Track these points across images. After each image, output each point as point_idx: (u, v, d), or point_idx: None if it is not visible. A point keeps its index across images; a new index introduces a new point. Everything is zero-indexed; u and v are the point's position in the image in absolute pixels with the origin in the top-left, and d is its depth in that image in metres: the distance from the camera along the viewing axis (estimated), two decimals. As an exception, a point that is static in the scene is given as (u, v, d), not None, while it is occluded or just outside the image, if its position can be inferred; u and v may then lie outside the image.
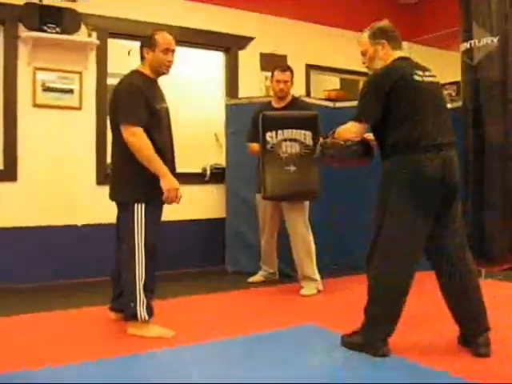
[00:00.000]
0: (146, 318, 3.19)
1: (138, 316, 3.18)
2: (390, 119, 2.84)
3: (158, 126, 3.26)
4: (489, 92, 3.72)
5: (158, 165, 3.19)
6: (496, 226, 3.31)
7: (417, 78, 2.84)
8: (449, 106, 3.41)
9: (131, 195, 3.23)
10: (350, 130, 2.94)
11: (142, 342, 3.10)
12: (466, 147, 4.02)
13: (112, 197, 3.40)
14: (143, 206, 3.20)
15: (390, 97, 2.81)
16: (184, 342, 3.11)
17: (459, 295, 2.92)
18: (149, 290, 3.23)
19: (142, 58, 3.36)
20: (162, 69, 3.34)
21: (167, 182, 3.20)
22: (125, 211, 3.27)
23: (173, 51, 3.35)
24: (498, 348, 2.88)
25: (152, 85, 3.34)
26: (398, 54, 2.99)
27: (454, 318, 2.97)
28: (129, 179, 3.26)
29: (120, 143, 3.21)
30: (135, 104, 3.16)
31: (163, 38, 3.30)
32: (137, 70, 3.36)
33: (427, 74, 2.91)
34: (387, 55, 2.98)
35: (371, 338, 2.87)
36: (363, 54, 3.07)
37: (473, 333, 2.89)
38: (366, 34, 3.05)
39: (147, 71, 3.34)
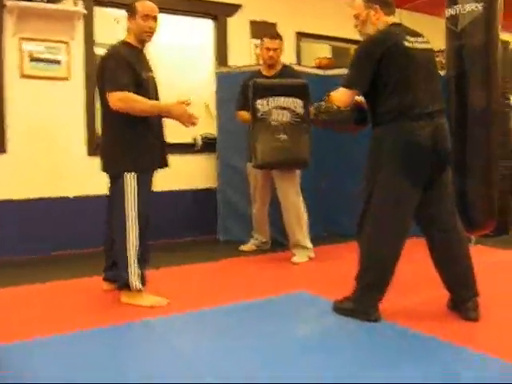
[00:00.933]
0: (139, 287, 3.23)
1: (131, 285, 3.21)
2: (382, 86, 2.83)
3: (145, 95, 3.23)
4: (472, 58, 3.70)
5: (156, 108, 3.27)
6: (478, 193, 3.33)
7: (407, 44, 2.82)
8: (440, 73, 3.40)
9: (122, 165, 3.23)
10: (340, 98, 2.94)
11: (135, 311, 3.13)
12: (448, 114, 4.03)
13: (103, 168, 3.39)
14: (134, 175, 3.20)
15: (381, 63, 2.80)
16: (176, 310, 3.14)
17: (449, 262, 2.96)
18: (142, 260, 3.26)
19: (128, 28, 3.36)
20: (143, 36, 3.32)
21: (173, 111, 3.26)
22: (116, 182, 3.27)
23: (154, 18, 3.32)
24: (484, 313, 2.92)
25: (138, 54, 3.33)
26: (390, 19, 2.98)
27: (443, 283, 3.01)
28: (118, 149, 3.25)
29: (108, 113, 3.22)
30: (120, 71, 3.14)
31: (143, 5, 3.28)
32: (122, 41, 3.36)
33: (419, 40, 2.90)
34: (379, 20, 2.96)
35: (363, 303, 2.91)
36: (356, 17, 3.05)
37: (462, 298, 2.93)
38: None
39: (132, 40, 3.33)
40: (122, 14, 5.70)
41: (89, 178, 4.96)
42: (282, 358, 2.49)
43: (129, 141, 3.20)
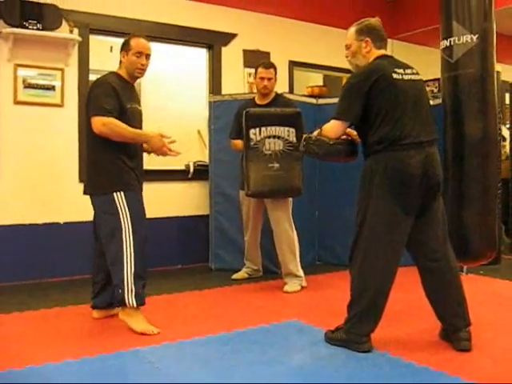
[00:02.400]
0: (134, 304, 3.23)
1: (126, 302, 3.22)
2: (372, 118, 2.87)
3: (127, 124, 3.28)
4: (468, 89, 3.76)
5: (137, 135, 3.33)
6: (477, 223, 3.35)
7: (396, 76, 2.86)
8: (431, 102, 3.45)
9: (109, 186, 3.28)
10: (331, 130, 2.97)
11: (125, 340, 3.10)
12: (445, 144, 4.07)
13: (89, 191, 3.40)
14: (122, 194, 3.26)
15: (369, 95, 2.84)
16: (168, 339, 3.11)
17: (441, 291, 2.95)
18: (139, 278, 3.27)
19: (120, 61, 3.45)
20: (135, 72, 3.41)
21: (152, 142, 3.31)
22: (104, 203, 3.30)
23: (147, 56, 3.42)
24: (477, 343, 2.92)
25: (126, 85, 3.41)
26: (380, 52, 3.02)
27: (435, 312, 3.00)
28: (102, 171, 3.31)
29: (91, 136, 3.30)
30: (105, 98, 3.22)
31: (137, 43, 3.37)
32: (113, 72, 3.45)
33: (408, 71, 2.94)
34: (370, 53, 3.01)
35: (354, 334, 2.89)
36: (347, 47, 3.10)
37: (454, 328, 2.93)
38: (353, 29, 3.08)
39: (123, 73, 3.42)
40: (116, 41, 5.80)
41: (80, 204, 4.92)
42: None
43: (112, 162, 3.28)
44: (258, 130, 4.27)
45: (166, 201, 4.18)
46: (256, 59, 5.61)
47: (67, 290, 4.43)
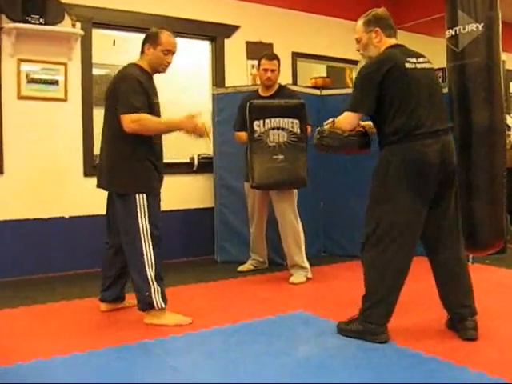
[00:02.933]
0: (163, 305, 3.25)
1: (155, 304, 3.23)
2: (386, 108, 2.85)
3: None
4: (474, 78, 3.73)
5: (169, 125, 3.30)
6: (484, 212, 3.33)
7: (408, 65, 2.85)
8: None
9: (132, 186, 3.25)
10: (345, 121, 2.96)
11: (131, 333, 3.11)
12: (452, 133, 4.05)
13: (108, 187, 3.37)
14: (144, 196, 3.24)
15: (383, 86, 2.83)
16: (174, 331, 3.12)
17: (449, 282, 2.96)
18: (160, 279, 3.27)
19: (142, 51, 3.38)
20: (159, 68, 3.38)
21: (186, 125, 3.25)
22: (122, 202, 3.27)
23: (173, 53, 3.38)
24: (483, 332, 2.92)
25: (149, 79, 3.36)
26: (391, 41, 3.00)
27: (442, 302, 3.01)
28: (127, 170, 3.25)
29: (117, 133, 3.22)
30: (134, 94, 3.17)
31: (167, 40, 3.33)
32: (134, 63, 3.37)
33: (420, 60, 2.93)
34: (381, 43, 2.99)
35: (370, 325, 2.88)
36: (357, 40, 3.08)
37: (460, 317, 2.93)
38: (361, 22, 3.06)
39: (145, 66, 3.35)
40: (119, 35, 5.80)
41: (85, 199, 4.96)
42: (283, 378, 2.48)
43: (140, 162, 3.25)
44: (261, 121, 4.26)
45: (170, 194, 4.18)
46: (259, 51, 5.59)
47: (73, 283, 4.44)
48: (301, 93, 4.97)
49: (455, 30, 3.95)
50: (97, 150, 5.11)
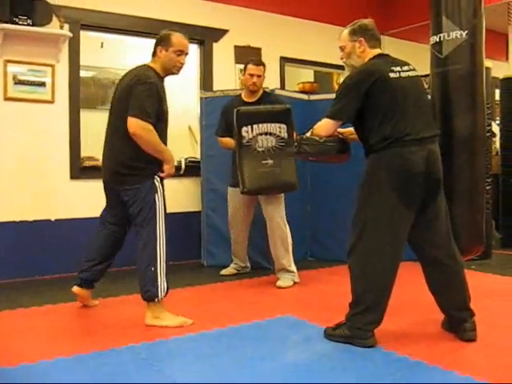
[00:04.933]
0: (162, 297, 3.33)
1: (158, 296, 3.30)
2: (371, 118, 2.87)
3: (164, 128, 3.39)
4: (456, 85, 3.77)
5: (163, 152, 3.36)
6: (465, 218, 3.38)
7: (392, 75, 2.87)
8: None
9: (145, 175, 3.33)
10: (322, 128, 2.99)
11: (117, 337, 3.09)
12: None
13: (122, 184, 3.38)
14: (159, 190, 3.36)
15: (367, 96, 2.85)
16: (161, 335, 3.11)
17: (446, 285, 2.98)
18: (166, 272, 3.36)
19: (154, 54, 3.41)
20: (173, 69, 3.41)
21: (170, 163, 3.40)
22: (136, 197, 3.33)
23: (186, 54, 3.43)
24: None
25: (162, 84, 3.40)
26: (375, 51, 3.03)
27: (439, 305, 3.04)
28: (138, 166, 3.32)
29: (127, 132, 3.24)
30: (149, 100, 3.21)
31: (179, 41, 3.37)
32: (148, 66, 3.38)
33: (405, 68, 2.94)
34: (364, 53, 3.02)
35: (358, 330, 2.89)
36: (341, 48, 3.10)
37: (459, 319, 2.96)
38: (346, 31, 3.08)
39: (157, 68, 3.38)
40: (107, 37, 5.79)
41: (71, 202, 4.93)
42: (272, 382, 2.47)
43: (150, 162, 3.32)
44: (249, 127, 4.26)
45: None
46: (247, 55, 5.61)
47: (59, 287, 4.41)
48: (288, 97, 4.99)
49: (439, 37, 3.99)
50: (84, 153, 5.11)
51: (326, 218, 5.45)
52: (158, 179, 3.37)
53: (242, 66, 5.61)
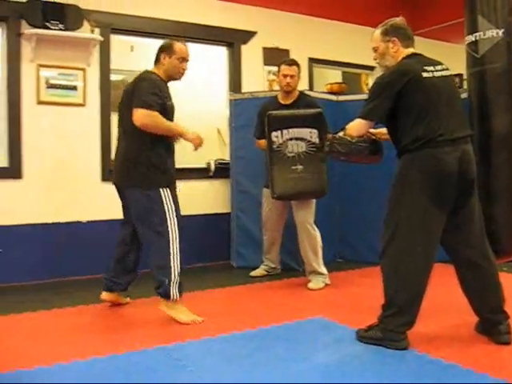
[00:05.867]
0: (177, 296, 3.41)
1: (171, 294, 3.38)
2: (404, 118, 2.85)
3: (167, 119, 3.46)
4: (494, 84, 3.73)
5: (177, 129, 3.50)
6: (503, 217, 3.32)
7: (426, 74, 2.84)
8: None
9: (155, 181, 3.42)
10: (354, 128, 2.98)
11: (149, 337, 3.12)
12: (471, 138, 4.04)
13: (130, 184, 3.48)
14: (168, 190, 3.43)
15: (400, 96, 2.82)
16: (192, 336, 3.13)
17: (481, 286, 2.94)
18: (181, 271, 3.43)
19: (157, 61, 3.58)
20: (176, 75, 3.60)
21: (190, 134, 3.50)
22: (149, 196, 3.41)
23: (187, 61, 3.62)
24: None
25: (164, 84, 3.55)
26: (408, 51, 2.99)
27: (473, 307, 3.00)
28: (149, 165, 3.42)
29: (135, 133, 3.40)
30: (151, 93, 3.36)
31: (181, 49, 3.57)
32: (151, 71, 3.57)
33: (438, 68, 2.91)
34: (398, 52, 2.99)
35: (391, 331, 2.86)
36: (374, 49, 3.07)
37: (493, 322, 2.92)
38: (378, 31, 3.05)
39: (161, 74, 3.55)
40: (137, 41, 5.84)
41: (102, 203, 4.99)
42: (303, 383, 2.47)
43: (157, 157, 3.44)
44: (279, 132, 4.26)
45: (187, 199, 4.20)
46: (276, 57, 5.62)
47: (90, 288, 4.45)
48: (317, 98, 4.97)
49: (475, 36, 3.96)
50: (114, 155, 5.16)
51: (355, 219, 5.42)
52: (165, 190, 3.43)
53: (270, 68, 5.66)
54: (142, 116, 3.33)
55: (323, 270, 4.44)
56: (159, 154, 3.45)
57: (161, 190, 3.41)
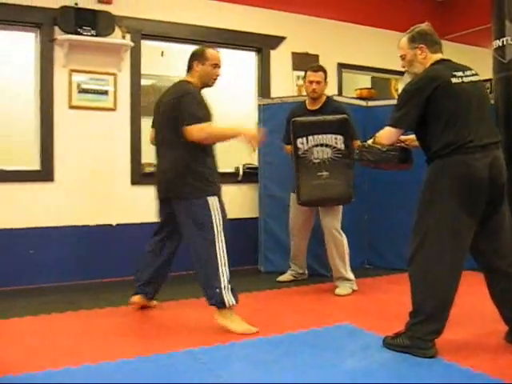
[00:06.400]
0: (233, 302, 3.36)
1: (226, 302, 3.32)
2: (433, 124, 2.82)
3: None
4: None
5: (234, 130, 3.46)
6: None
7: (455, 80, 2.81)
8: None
9: (204, 190, 3.40)
10: (384, 136, 2.96)
11: (176, 340, 3.14)
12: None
13: (178, 195, 3.45)
14: (216, 198, 3.41)
15: (429, 102, 2.80)
16: (219, 340, 3.14)
17: (509, 295, 2.90)
18: (230, 278, 3.40)
19: (190, 68, 3.57)
20: (209, 81, 3.58)
21: (248, 132, 3.44)
22: (198, 206, 3.38)
23: (219, 67, 3.60)
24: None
25: (203, 95, 3.51)
26: (437, 56, 2.97)
27: (502, 316, 2.96)
28: (196, 176, 3.39)
29: (179, 145, 3.38)
30: (198, 107, 3.36)
31: (213, 55, 3.57)
32: (186, 80, 3.55)
33: (468, 73, 2.88)
34: (426, 59, 2.96)
35: (419, 339, 2.83)
36: (402, 57, 3.05)
37: None
38: (405, 38, 3.02)
39: (195, 81, 3.53)
40: (167, 46, 5.90)
41: (132, 207, 5.04)
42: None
43: (203, 167, 3.41)
44: (305, 139, 4.26)
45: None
46: (305, 62, 5.62)
47: (118, 290, 4.51)
48: (346, 104, 4.96)
49: (502, 41, 3.91)
50: (144, 159, 5.22)
51: (384, 226, 5.38)
52: (212, 197, 3.41)
53: (299, 73, 5.65)
54: (197, 132, 3.29)
55: (350, 275, 4.42)
56: (205, 162, 3.42)
57: (208, 198, 3.38)
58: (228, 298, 3.33)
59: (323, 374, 2.65)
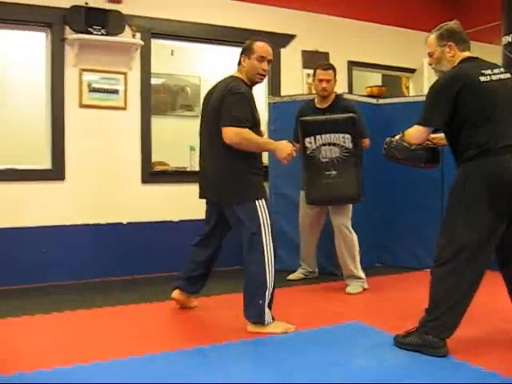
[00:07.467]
0: (270, 321, 3.28)
1: (265, 320, 3.25)
2: (461, 123, 2.78)
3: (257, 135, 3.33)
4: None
5: (267, 146, 3.37)
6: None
7: (483, 78, 2.76)
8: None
9: (253, 194, 3.28)
10: (413, 135, 2.92)
11: (187, 338, 3.15)
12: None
13: (226, 201, 3.36)
14: (264, 202, 3.28)
15: (457, 101, 2.76)
16: (230, 338, 3.14)
17: None
18: (272, 292, 3.34)
19: (239, 64, 3.42)
20: (255, 77, 3.38)
21: (281, 150, 3.28)
22: (246, 211, 3.28)
23: (269, 61, 3.40)
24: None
25: (251, 92, 3.38)
26: (465, 54, 2.93)
27: None
28: (244, 180, 3.29)
29: (226, 147, 3.23)
30: (241, 108, 3.19)
31: (260, 47, 3.37)
32: (236, 76, 3.39)
33: (496, 71, 2.83)
34: (455, 57, 2.92)
35: (431, 338, 2.82)
36: (430, 55, 3.01)
37: None
38: (433, 36, 2.98)
39: (244, 78, 3.38)
40: (177, 45, 5.92)
41: (142, 205, 5.06)
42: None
43: (250, 171, 3.29)
44: (312, 138, 4.25)
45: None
46: (315, 60, 5.60)
47: (130, 289, 4.52)
48: (357, 101, 4.94)
49: (512, 37, 3.88)
50: (155, 158, 5.24)
51: (395, 224, 5.36)
52: (261, 203, 3.28)
53: (309, 71, 5.63)
54: (231, 135, 3.16)
55: (361, 273, 4.41)
56: (252, 165, 3.31)
57: (257, 202, 3.26)
58: (268, 317, 3.26)
59: (333, 372, 2.64)
